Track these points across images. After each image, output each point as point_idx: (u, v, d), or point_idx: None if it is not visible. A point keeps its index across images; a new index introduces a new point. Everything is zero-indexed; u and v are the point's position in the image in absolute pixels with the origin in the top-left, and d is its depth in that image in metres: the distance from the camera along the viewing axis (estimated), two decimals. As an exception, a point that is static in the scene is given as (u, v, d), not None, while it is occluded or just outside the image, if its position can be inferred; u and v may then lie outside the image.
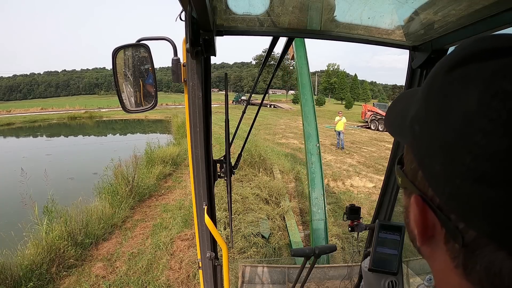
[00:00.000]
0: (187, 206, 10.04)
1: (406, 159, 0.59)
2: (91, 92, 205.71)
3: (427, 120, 0.47)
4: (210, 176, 1.79)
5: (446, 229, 0.47)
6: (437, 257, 0.52)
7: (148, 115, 48.12)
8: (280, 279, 4.22)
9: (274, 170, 13.76)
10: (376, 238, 2.18)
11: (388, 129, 0.67)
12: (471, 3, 1.31)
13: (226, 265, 1.90)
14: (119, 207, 9.39)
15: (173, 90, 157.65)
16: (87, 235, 7.64)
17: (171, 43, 1.50)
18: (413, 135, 0.51)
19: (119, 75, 1.60)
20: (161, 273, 6.54)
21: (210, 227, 1.76)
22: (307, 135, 8.33)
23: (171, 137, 25.40)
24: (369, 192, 11.90)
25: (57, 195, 8.46)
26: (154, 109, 1.67)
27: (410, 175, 0.56)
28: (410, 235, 0.61)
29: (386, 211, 2.42)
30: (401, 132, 0.58)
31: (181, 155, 16.85)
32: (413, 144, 0.52)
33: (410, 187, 0.55)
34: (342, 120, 20.38)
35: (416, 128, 0.50)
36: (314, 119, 8.45)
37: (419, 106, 0.50)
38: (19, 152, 22.31)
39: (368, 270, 2.20)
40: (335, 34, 1.88)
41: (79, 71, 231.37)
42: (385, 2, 1.47)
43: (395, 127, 0.62)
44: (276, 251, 7.38)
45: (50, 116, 57.36)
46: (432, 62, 1.84)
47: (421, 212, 0.51)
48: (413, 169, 0.54)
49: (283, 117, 46.19)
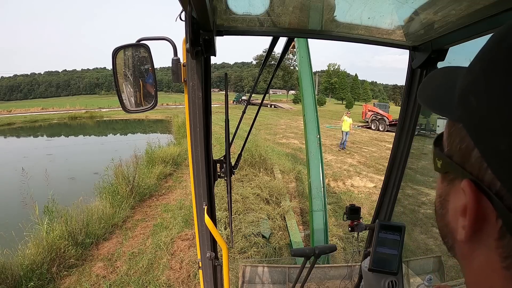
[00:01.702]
0: (187, 206, 10.05)
1: (450, 139, 0.51)
2: (91, 92, 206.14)
3: (489, 91, 0.40)
4: (210, 176, 1.79)
5: (503, 221, 0.40)
6: (478, 256, 0.46)
7: (149, 115, 48.14)
8: (281, 279, 4.21)
9: (275, 170, 13.77)
10: (376, 238, 2.18)
11: (426, 103, 0.60)
12: (471, 3, 1.31)
13: (226, 265, 1.90)
14: (119, 207, 9.39)
15: (173, 90, 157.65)
16: (87, 235, 7.65)
17: (171, 43, 1.50)
18: (467, 108, 0.45)
19: (119, 75, 1.60)
20: (161, 272, 6.54)
21: (210, 227, 1.76)
22: (308, 126, 8.40)
23: (172, 137, 25.45)
24: (370, 192, 11.90)
25: (58, 195, 8.48)
26: (154, 109, 1.67)
27: (458, 157, 0.48)
28: (444, 230, 0.55)
29: (386, 211, 2.42)
30: (445, 106, 0.53)
31: (181, 155, 16.86)
32: (467, 119, 0.45)
33: (457, 170, 0.49)
34: (349, 120, 20.29)
35: (471, 100, 0.43)
36: (315, 111, 8.52)
37: (475, 76, 0.44)
38: (19, 152, 22.30)
39: (368, 270, 2.20)
40: (335, 34, 1.88)
41: (79, 71, 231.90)
42: (385, 2, 1.47)
43: (435, 101, 0.57)
44: (277, 251, 7.38)
45: (51, 116, 57.29)
46: (432, 62, 1.84)
47: (474, 200, 0.43)
48: (464, 148, 0.46)
49: (284, 117, 46.17)
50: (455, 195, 0.50)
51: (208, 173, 1.75)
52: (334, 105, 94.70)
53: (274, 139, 24.16)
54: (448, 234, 0.54)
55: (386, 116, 33.59)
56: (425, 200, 9.75)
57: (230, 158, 1.96)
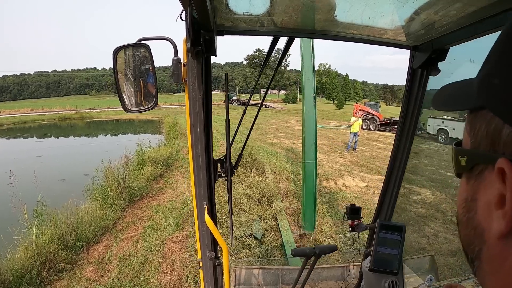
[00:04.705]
0: (178, 208, 9.98)
1: (473, 131, 0.51)
2: (82, 93, 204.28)
3: None
4: (211, 176, 1.80)
5: None
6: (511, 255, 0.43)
7: (139, 116, 47.99)
8: (274, 280, 4.20)
9: (266, 170, 13.74)
10: (377, 238, 2.20)
11: (442, 108, 0.62)
12: (471, 3, 1.32)
13: (227, 265, 1.91)
14: (110, 209, 9.29)
15: (164, 90, 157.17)
16: (77, 238, 7.55)
17: (172, 43, 1.51)
18: (490, 90, 0.45)
19: (120, 75, 1.61)
20: (153, 276, 6.49)
21: (210, 227, 1.77)
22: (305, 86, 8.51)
23: (162, 138, 25.42)
24: (361, 192, 11.97)
25: (48, 197, 8.35)
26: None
27: (487, 142, 0.47)
28: (470, 236, 0.53)
29: (386, 211, 2.44)
30: (465, 100, 0.53)
31: (172, 155, 16.81)
32: (492, 100, 0.45)
33: (487, 157, 0.47)
34: (358, 121, 20.24)
35: (495, 81, 0.44)
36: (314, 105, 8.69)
37: (495, 60, 0.45)
38: (9, 154, 21.99)
39: (369, 270, 2.21)
40: (335, 34, 1.89)
41: (70, 71, 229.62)
42: (386, 2, 1.48)
43: (453, 101, 0.57)
44: (269, 252, 7.37)
45: (41, 117, 56.77)
46: (432, 62, 1.85)
47: None
48: (492, 131, 0.46)
49: (275, 117, 46.31)
50: (485, 188, 0.48)
51: (209, 173, 1.76)
52: (325, 104, 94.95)
53: (265, 139, 24.22)
54: (475, 240, 0.51)
55: (377, 115, 33.82)
56: (417, 199, 9.83)
57: (231, 158, 1.97)
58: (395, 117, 34.18)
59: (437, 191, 10.84)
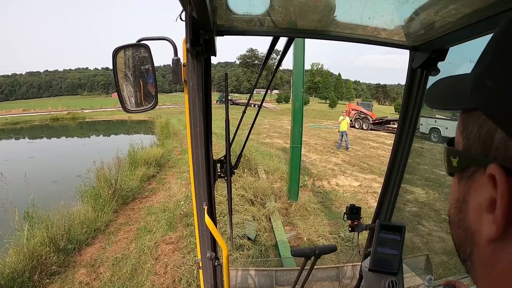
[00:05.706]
0: (171, 209, 9.91)
1: (466, 132, 0.50)
2: (74, 93, 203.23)
3: (506, 70, 0.40)
4: (210, 176, 1.81)
5: None
6: (502, 258, 0.43)
7: (132, 116, 47.83)
8: (268, 282, 4.18)
9: (259, 170, 13.73)
10: (377, 238, 2.21)
11: (435, 105, 0.60)
12: (471, 3, 1.33)
13: (226, 265, 1.90)
14: (102, 211, 9.18)
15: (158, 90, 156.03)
16: (69, 241, 7.44)
17: (171, 43, 1.51)
18: (484, 93, 0.44)
19: (120, 75, 1.61)
20: (146, 278, 6.42)
21: (210, 227, 1.77)
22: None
23: (155, 138, 25.34)
24: (355, 191, 12.01)
25: (40, 199, 8.21)
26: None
27: (478, 146, 0.47)
28: (461, 237, 0.53)
29: (386, 211, 2.46)
30: (458, 100, 0.52)
31: (164, 156, 16.74)
32: (485, 103, 0.44)
33: (478, 160, 0.47)
34: (346, 119, 20.33)
35: (488, 83, 0.43)
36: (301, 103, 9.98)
37: (488, 61, 0.44)
38: (0, 155, 21.83)
39: (369, 270, 2.23)
40: (335, 34, 1.90)
41: (61, 72, 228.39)
42: (386, 2, 1.49)
43: (446, 99, 0.56)
44: (263, 253, 7.35)
45: (32, 118, 56.26)
46: (432, 62, 1.87)
47: (504, 183, 0.40)
48: (485, 134, 0.45)
49: (267, 116, 46.33)
50: (476, 191, 0.48)
51: (208, 173, 1.77)
52: (318, 104, 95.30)
53: (258, 139, 24.10)
54: (466, 241, 0.51)
55: (369, 115, 33.99)
56: (410, 198, 9.87)
57: (231, 158, 1.98)
58: (388, 117, 34.42)
59: (431, 190, 10.91)
